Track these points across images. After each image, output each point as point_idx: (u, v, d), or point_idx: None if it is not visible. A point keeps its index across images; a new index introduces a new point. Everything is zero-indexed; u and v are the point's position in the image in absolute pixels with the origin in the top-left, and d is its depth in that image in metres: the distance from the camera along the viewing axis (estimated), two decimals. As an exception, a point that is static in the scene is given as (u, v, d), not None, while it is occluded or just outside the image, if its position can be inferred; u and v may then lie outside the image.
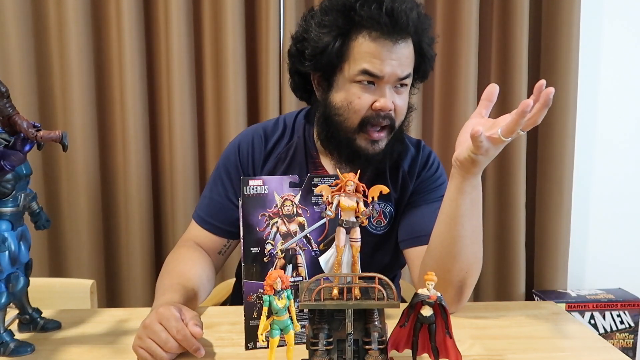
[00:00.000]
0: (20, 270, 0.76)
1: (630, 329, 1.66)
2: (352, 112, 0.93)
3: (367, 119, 0.93)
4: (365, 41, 0.90)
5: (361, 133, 0.94)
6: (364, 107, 0.92)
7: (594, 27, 1.74)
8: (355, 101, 0.92)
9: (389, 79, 0.91)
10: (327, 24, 0.92)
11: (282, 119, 1.09)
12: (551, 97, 0.70)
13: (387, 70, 0.90)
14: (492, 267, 1.75)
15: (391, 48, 0.89)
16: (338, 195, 0.61)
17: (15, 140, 0.68)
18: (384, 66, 0.89)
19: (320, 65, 0.94)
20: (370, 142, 0.94)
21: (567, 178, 1.68)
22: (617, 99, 1.78)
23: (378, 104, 0.91)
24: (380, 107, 0.91)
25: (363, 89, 0.92)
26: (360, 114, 0.93)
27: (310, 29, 0.94)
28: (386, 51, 0.89)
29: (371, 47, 0.89)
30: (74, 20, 1.52)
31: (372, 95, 0.92)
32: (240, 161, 1.04)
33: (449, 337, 0.63)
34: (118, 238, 1.65)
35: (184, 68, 1.57)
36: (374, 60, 0.89)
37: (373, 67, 0.90)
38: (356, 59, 0.91)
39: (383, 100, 0.91)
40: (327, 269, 0.63)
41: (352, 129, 0.94)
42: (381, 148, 0.95)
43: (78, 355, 0.76)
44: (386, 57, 0.89)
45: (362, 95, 0.92)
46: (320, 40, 0.92)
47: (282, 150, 1.04)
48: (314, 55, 0.94)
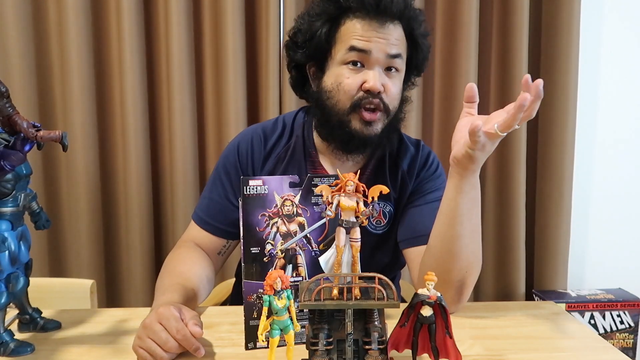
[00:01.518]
0: (20, 270, 0.76)
1: (630, 329, 1.65)
2: (342, 94, 0.94)
3: (358, 101, 0.93)
4: (354, 23, 0.93)
5: (353, 114, 0.94)
6: (353, 88, 0.93)
7: (594, 27, 1.74)
8: (344, 82, 0.93)
9: (377, 55, 0.92)
10: (318, 11, 0.95)
11: (281, 119, 1.09)
12: (541, 88, 0.71)
13: (373, 46, 0.91)
14: (492, 267, 1.75)
15: (378, 27, 0.91)
16: (338, 195, 0.61)
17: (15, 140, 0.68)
18: (371, 42, 0.91)
19: (312, 52, 0.97)
20: (364, 124, 0.94)
21: (567, 178, 1.68)
22: (617, 99, 1.78)
23: (367, 84, 0.92)
24: (369, 87, 0.91)
25: (352, 70, 0.93)
26: (350, 95, 0.93)
27: (303, 20, 0.98)
28: (373, 30, 0.91)
29: (358, 27, 0.92)
30: (74, 20, 1.52)
31: (362, 76, 0.93)
32: (240, 161, 1.04)
33: (449, 337, 0.63)
34: (118, 238, 1.65)
35: (184, 68, 1.57)
36: (361, 37, 0.92)
37: (360, 43, 0.91)
38: (344, 40, 0.93)
39: (372, 81, 0.91)
40: (327, 269, 0.63)
41: (344, 111, 0.94)
42: (377, 131, 0.95)
43: (78, 355, 0.76)
44: (372, 35, 0.91)
45: (351, 75, 0.93)
46: (311, 28, 0.96)
47: (281, 150, 1.04)
48: (304, 42, 0.97)
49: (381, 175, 1.03)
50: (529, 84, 0.71)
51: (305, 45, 0.97)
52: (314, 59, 0.99)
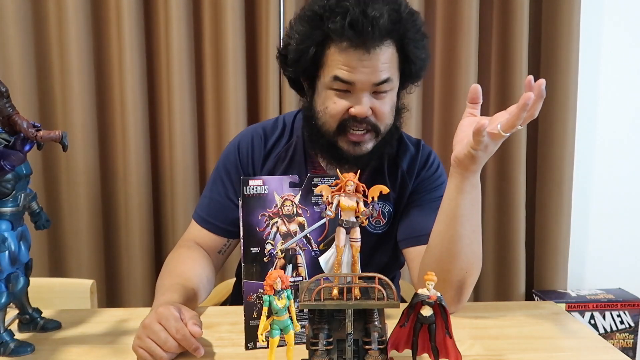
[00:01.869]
0: (20, 270, 0.76)
1: (630, 329, 1.65)
2: (328, 117, 0.94)
3: (345, 123, 0.93)
4: (337, 51, 0.89)
5: (341, 136, 0.94)
6: (339, 112, 0.92)
7: (594, 27, 1.74)
8: (330, 106, 0.93)
9: (362, 86, 0.90)
10: (303, 33, 0.92)
11: (281, 119, 1.09)
12: (543, 87, 0.71)
13: (358, 77, 0.89)
14: (492, 267, 1.75)
15: (362, 56, 0.87)
16: (338, 195, 0.61)
17: (15, 140, 0.68)
18: (355, 74, 0.89)
19: (300, 72, 0.96)
20: (352, 144, 0.94)
21: (567, 178, 1.68)
22: (617, 99, 1.78)
23: (353, 110, 0.91)
24: (355, 114, 0.91)
25: (338, 95, 0.92)
26: (337, 118, 0.93)
27: (292, 35, 0.95)
28: (356, 60, 0.88)
29: (342, 56, 0.89)
30: (74, 20, 1.52)
31: (347, 101, 0.92)
32: (240, 161, 1.04)
33: (449, 337, 0.63)
34: (118, 238, 1.65)
35: (184, 68, 1.57)
36: (345, 68, 0.89)
37: (343, 75, 0.89)
38: (329, 67, 0.91)
39: (358, 107, 0.90)
40: (327, 269, 0.63)
41: (332, 132, 0.94)
42: (367, 149, 0.95)
43: (78, 355, 0.76)
44: (357, 65, 0.88)
45: (337, 100, 0.92)
46: (297, 49, 0.93)
47: (281, 149, 1.05)
48: (293, 62, 0.95)
49: (380, 175, 1.03)
50: (531, 84, 0.71)
51: (293, 65, 0.96)
52: (303, 76, 0.98)
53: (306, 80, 0.99)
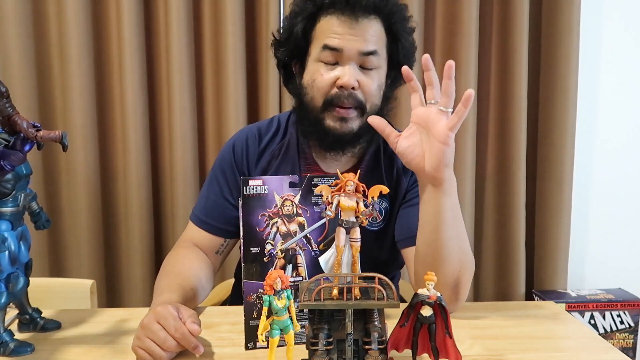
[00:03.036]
0: (20, 270, 0.76)
1: (630, 329, 1.65)
2: (316, 90, 0.95)
3: (331, 98, 0.94)
4: (328, 20, 0.93)
5: (327, 112, 0.95)
6: (326, 84, 0.93)
7: (594, 27, 1.74)
8: (318, 78, 0.94)
9: (350, 53, 0.91)
10: (297, 10, 0.96)
11: (276, 118, 1.11)
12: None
13: (345, 44, 0.91)
14: (492, 267, 1.75)
15: (351, 24, 0.91)
16: (338, 195, 0.61)
17: (15, 140, 0.68)
18: (343, 40, 0.91)
19: (291, 50, 0.99)
20: (339, 120, 0.94)
21: (567, 178, 1.68)
22: (617, 99, 1.78)
23: (340, 80, 0.92)
24: (342, 83, 0.92)
25: (326, 67, 0.94)
26: (324, 91, 0.94)
27: (286, 20, 0.99)
28: (346, 27, 0.91)
29: (331, 24, 0.92)
30: (74, 20, 1.52)
31: (335, 72, 0.93)
32: (235, 160, 1.05)
33: (448, 337, 0.63)
34: (118, 238, 1.65)
35: (184, 68, 1.57)
36: (334, 35, 0.92)
37: (332, 42, 0.92)
38: (319, 38, 0.94)
39: (346, 77, 0.91)
40: (327, 269, 0.63)
41: (319, 108, 0.95)
42: (352, 129, 0.95)
43: (78, 355, 0.76)
44: (345, 31, 0.91)
45: (324, 72, 0.94)
46: (290, 26, 0.97)
47: (275, 147, 1.06)
48: (285, 40, 0.99)
49: (377, 173, 1.03)
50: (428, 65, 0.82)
51: (285, 44, 0.99)
52: (295, 56, 1.00)
53: (297, 62, 1.01)
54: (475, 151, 1.69)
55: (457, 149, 1.60)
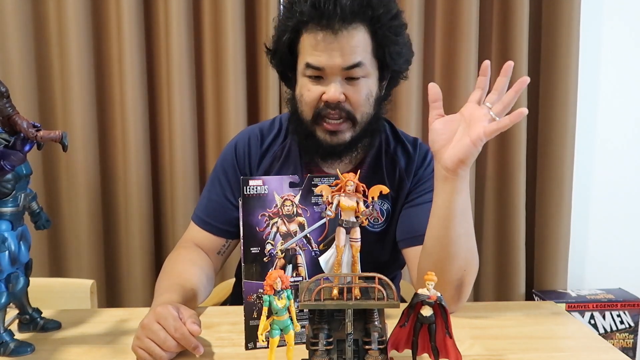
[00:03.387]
0: (20, 270, 0.76)
1: (630, 329, 1.65)
2: (304, 105, 0.95)
3: (319, 112, 0.94)
4: (308, 36, 0.92)
5: (317, 125, 0.95)
6: (313, 99, 0.93)
7: (594, 27, 1.74)
8: (305, 94, 0.94)
9: (332, 70, 0.91)
10: (281, 22, 0.96)
11: (278, 119, 1.10)
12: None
13: (326, 62, 0.90)
14: (492, 267, 1.75)
15: (329, 38, 0.89)
16: (338, 195, 0.61)
17: (15, 140, 0.68)
18: (323, 57, 0.90)
19: (279, 61, 0.99)
20: (328, 133, 0.95)
21: (567, 178, 1.68)
22: (617, 99, 1.78)
23: (325, 96, 0.92)
24: (327, 99, 0.92)
25: (312, 82, 0.94)
26: (311, 106, 0.94)
27: (275, 28, 0.99)
28: (325, 42, 0.89)
29: (311, 40, 0.91)
30: (74, 20, 1.52)
31: (321, 87, 0.93)
32: (237, 161, 1.05)
33: (449, 337, 0.63)
34: (118, 238, 1.65)
35: (184, 68, 1.57)
36: (315, 53, 0.91)
37: (312, 60, 0.91)
38: (302, 53, 0.94)
39: (330, 93, 0.91)
40: (327, 269, 0.63)
41: (308, 121, 0.96)
42: (344, 140, 0.95)
43: (78, 355, 0.76)
44: (325, 48, 0.89)
45: (311, 87, 0.94)
46: (276, 39, 0.97)
47: (277, 148, 1.05)
48: (273, 52, 0.99)
49: (378, 174, 1.03)
50: (487, 69, 0.81)
51: (274, 56, 0.99)
52: (285, 67, 1.00)
53: (290, 71, 1.01)
54: (475, 151, 1.69)
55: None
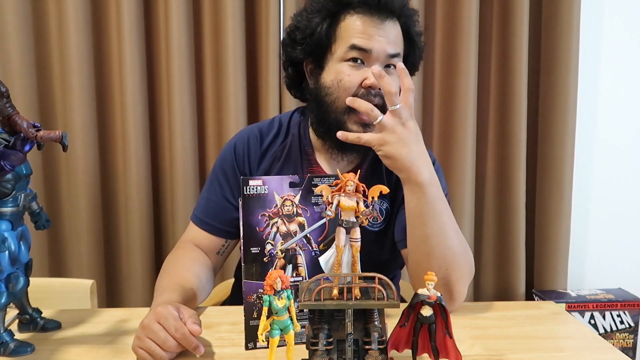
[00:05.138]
0: (20, 270, 0.76)
1: (630, 329, 1.65)
2: (342, 90, 0.93)
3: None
4: (353, 19, 0.93)
5: (351, 114, 0.94)
6: (353, 85, 0.93)
7: (594, 27, 1.74)
8: (345, 79, 0.93)
9: (377, 54, 0.92)
10: (317, 8, 0.96)
11: (277, 119, 1.10)
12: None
13: (375, 45, 0.91)
14: (492, 267, 1.75)
15: (378, 25, 0.92)
16: (338, 195, 0.61)
17: (15, 140, 0.68)
18: (372, 41, 0.91)
19: (311, 48, 0.97)
20: (362, 126, 0.94)
21: (567, 178, 1.68)
22: (617, 99, 1.78)
23: (368, 81, 0.92)
24: (370, 84, 0.91)
25: (353, 67, 0.93)
26: (350, 92, 0.93)
27: (302, 17, 0.98)
28: (373, 27, 0.92)
29: (358, 23, 0.92)
30: (74, 20, 1.52)
31: (361, 73, 0.93)
32: (237, 161, 1.04)
33: (449, 337, 0.63)
34: (118, 238, 1.65)
35: (184, 68, 1.56)
36: (362, 36, 0.92)
37: (361, 42, 0.92)
38: (344, 37, 0.93)
39: (374, 78, 0.90)
40: (327, 269, 0.63)
41: (342, 109, 0.94)
42: None
43: (78, 355, 0.76)
44: (374, 32, 0.92)
45: (351, 72, 0.93)
46: (310, 24, 0.96)
47: (277, 148, 1.05)
48: (304, 38, 0.97)
49: (378, 174, 1.03)
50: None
51: (304, 42, 0.97)
52: (312, 55, 0.99)
53: (312, 62, 1.00)
54: (475, 151, 1.69)
55: (457, 149, 1.62)
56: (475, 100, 1.65)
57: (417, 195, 0.85)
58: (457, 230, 0.89)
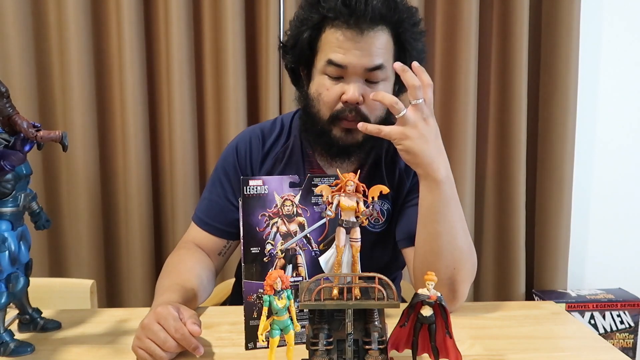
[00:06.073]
0: (20, 270, 0.76)
1: (630, 329, 1.65)
2: (322, 104, 0.94)
3: (337, 113, 0.93)
4: (332, 32, 0.90)
5: (336, 123, 0.94)
6: (332, 99, 0.92)
7: (594, 27, 1.74)
8: (323, 93, 0.93)
9: (354, 70, 0.90)
10: (302, 17, 0.94)
11: (279, 120, 1.10)
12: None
13: (351, 60, 0.89)
14: (492, 267, 1.75)
15: (356, 37, 0.88)
16: (338, 195, 0.61)
17: (15, 140, 0.68)
18: (348, 56, 0.89)
19: (297, 57, 0.97)
20: (345, 131, 0.94)
21: (567, 178, 1.68)
22: (617, 99, 1.78)
23: (345, 96, 0.91)
24: (346, 99, 0.90)
25: (332, 81, 0.92)
26: (330, 106, 0.93)
27: (292, 25, 0.97)
28: (350, 41, 0.88)
29: (335, 37, 0.90)
30: (74, 20, 1.52)
31: (340, 87, 0.92)
32: (239, 162, 1.04)
33: (449, 337, 0.63)
34: (118, 238, 1.65)
35: (184, 68, 1.57)
36: (338, 50, 0.89)
37: (336, 57, 0.89)
38: (324, 50, 0.92)
39: (350, 92, 0.90)
40: (327, 269, 0.63)
41: (325, 121, 0.95)
42: (357, 140, 0.95)
43: (78, 355, 0.76)
44: (350, 46, 0.88)
45: (330, 87, 0.92)
46: (295, 34, 0.95)
47: (279, 150, 1.05)
48: (291, 48, 0.97)
49: (378, 174, 1.03)
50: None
51: (291, 51, 0.98)
52: (301, 64, 0.99)
53: (304, 69, 1.00)
54: (475, 151, 1.69)
55: (457, 149, 1.62)
56: (475, 100, 1.65)
57: (434, 193, 0.84)
58: (467, 231, 0.89)
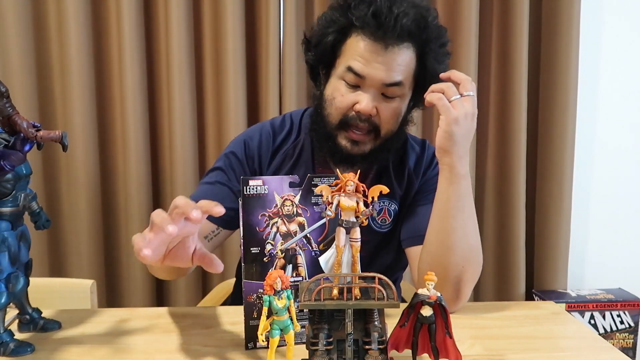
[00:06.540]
0: (20, 270, 0.76)
1: (630, 329, 1.65)
2: (333, 108, 0.94)
3: (347, 119, 0.93)
4: (358, 40, 0.90)
5: (341, 131, 0.94)
6: (344, 106, 0.92)
7: (594, 27, 1.74)
8: (337, 98, 0.93)
9: (372, 82, 0.89)
10: (330, 18, 0.93)
11: (288, 117, 1.09)
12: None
13: (370, 72, 0.88)
14: (492, 267, 1.75)
15: (380, 51, 0.87)
16: (338, 195, 0.61)
17: (15, 140, 0.68)
18: (368, 67, 0.88)
19: (318, 57, 0.97)
20: (350, 142, 0.94)
21: (567, 178, 1.68)
22: (617, 99, 1.78)
23: (358, 106, 0.91)
24: (359, 110, 0.90)
25: (348, 88, 0.92)
26: (341, 112, 0.93)
27: (319, 23, 0.96)
28: (373, 53, 0.88)
29: (360, 46, 0.89)
30: (74, 20, 1.52)
31: (355, 96, 0.91)
32: (247, 156, 1.03)
33: (449, 337, 0.63)
34: (118, 238, 1.65)
35: (184, 68, 1.57)
36: (360, 60, 0.89)
37: (357, 66, 0.89)
38: (346, 56, 0.92)
39: (364, 103, 0.90)
40: (327, 269, 0.63)
41: (333, 125, 0.95)
42: (364, 151, 0.95)
43: (78, 355, 0.76)
44: (372, 59, 0.88)
45: (345, 93, 0.92)
46: (320, 33, 0.95)
47: (289, 147, 1.04)
48: (314, 46, 0.97)
49: (386, 174, 1.03)
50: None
51: (314, 49, 0.97)
52: (321, 63, 0.99)
53: (323, 68, 0.99)
54: (476, 151, 1.69)
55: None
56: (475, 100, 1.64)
57: (454, 186, 0.84)
58: (478, 232, 0.89)
